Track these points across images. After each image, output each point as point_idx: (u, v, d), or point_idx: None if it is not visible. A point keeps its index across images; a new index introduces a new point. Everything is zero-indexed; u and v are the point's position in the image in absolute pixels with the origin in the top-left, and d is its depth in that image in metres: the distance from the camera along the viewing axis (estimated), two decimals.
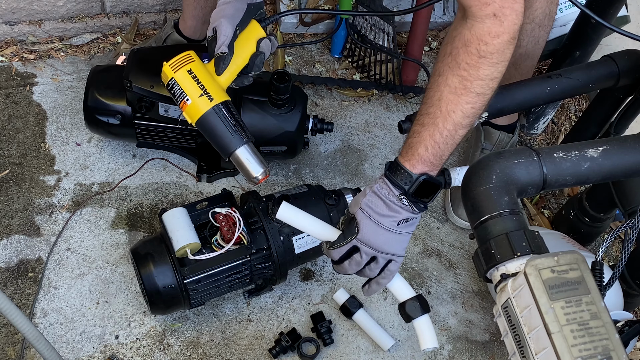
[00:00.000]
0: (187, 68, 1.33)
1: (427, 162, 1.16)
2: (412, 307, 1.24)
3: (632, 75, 1.48)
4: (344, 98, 2.01)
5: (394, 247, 1.20)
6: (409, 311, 1.24)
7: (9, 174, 1.72)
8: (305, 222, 1.26)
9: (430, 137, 1.14)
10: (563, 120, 2.09)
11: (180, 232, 1.42)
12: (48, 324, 1.53)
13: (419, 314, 1.24)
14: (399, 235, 1.20)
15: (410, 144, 1.17)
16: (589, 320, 0.86)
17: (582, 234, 1.75)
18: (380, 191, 1.18)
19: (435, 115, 1.13)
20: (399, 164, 1.18)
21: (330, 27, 2.12)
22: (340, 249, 1.21)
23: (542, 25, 1.61)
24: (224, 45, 1.30)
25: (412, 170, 1.16)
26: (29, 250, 1.62)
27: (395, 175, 1.17)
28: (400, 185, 1.16)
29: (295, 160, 1.85)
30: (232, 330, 1.57)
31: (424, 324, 1.24)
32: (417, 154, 1.16)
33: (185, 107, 1.33)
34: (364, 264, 1.22)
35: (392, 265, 1.23)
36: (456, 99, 1.11)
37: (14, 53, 1.94)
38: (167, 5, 2.04)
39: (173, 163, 1.80)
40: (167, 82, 1.34)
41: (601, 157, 1.08)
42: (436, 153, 1.15)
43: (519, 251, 0.96)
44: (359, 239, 1.19)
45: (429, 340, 1.23)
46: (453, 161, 1.93)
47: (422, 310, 1.24)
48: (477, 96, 1.11)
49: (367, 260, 1.21)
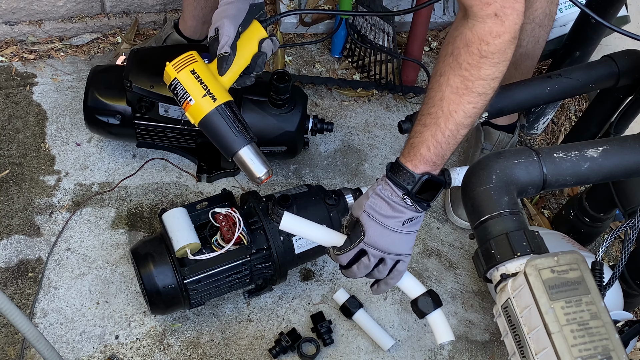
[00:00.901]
0: (190, 68, 1.32)
1: (430, 162, 1.16)
2: (425, 303, 1.24)
3: (632, 75, 1.48)
4: (344, 98, 2.01)
5: (401, 247, 1.21)
6: (421, 307, 1.24)
7: (9, 174, 1.72)
8: (309, 231, 1.25)
9: (433, 137, 1.14)
10: (563, 120, 2.09)
11: (180, 232, 1.42)
12: (48, 324, 1.53)
13: (432, 309, 1.24)
14: (405, 235, 1.20)
15: (412, 145, 1.17)
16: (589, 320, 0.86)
17: (582, 234, 1.75)
18: (383, 192, 1.18)
19: (437, 115, 1.13)
20: (400, 164, 1.18)
21: (330, 27, 2.12)
22: (348, 254, 1.21)
23: (542, 25, 1.61)
24: (226, 46, 1.29)
25: (414, 171, 1.16)
26: (29, 250, 1.62)
27: (398, 176, 1.17)
28: (403, 185, 1.17)
29: (295, 160, 1.85)
30: (232, 330, 1.57)
31: (437, 318, 1.24)
32: (419, 154, 1.16)
33: (189, 108, 1.32)
34: (372, 267, 1.22)
35: (401, 265, 1.23)
36: (458, 99, 1.11)
37: (14, 53, 1.94)
38: (167, 5, 2.04)
39: (173, 163, 1.80)
40: (170, 82, 1.34)
41: (601, 157, 1.08)
42: (438, 153, 1.16)
43: (519, 251, 0.97)
44: (365, 242, 1.19)
45: (444, 334, 1.24)
46: (453, 161, 1.93)
47: (435, 305, 1.24)
48: (479, 96, 1.11)
49: (375, 263, 1.21)
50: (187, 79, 1.32)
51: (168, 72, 1.33)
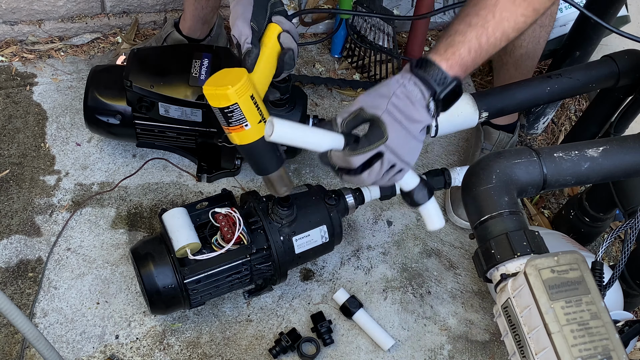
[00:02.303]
0: (249, 93, 1.25)
1: (464, 66, 1.07)
2: (421, 195, 1.24)
3: (632, 75, 1.48)
4: (344, 98, 2.01)
5: (414, 156, 1.12)
6: (417, 199, 1.24)
7: (9, 174, 1.72)
8: (304, 135, 1.12)
9: (477, 39, 1.06)
10: (563, 120, 2.09)
11: (180, 232, 1.42)
12: (48, 324, 1.53)
13: (427, 199, 1.24)
14: (419, 144, 1.11)
15: (450, 43, 1.07)
16: (589, 320, 0.86)
17: (582, 234, 1.75)
18: (411, 93, 1.07)
19: (487, 19, 1.06)
20: (433, 62, 1.06)
21: (330, 27, 2.12)
22: (364, 155, 1.09)
23: (543, 25, 1.61)
24: (246, 43, 1.24)
25: (448, 72, 1.06)
26: (29, 250, 1.62)
27: (428, 74, 1.06)
28: (432, 86, 1.06)
29: (295, 160, 1.85)
30: (232, 330, 1.57)
31: (432, 208, 1.26)
32: (458, 54, 1.06)
33: (241, 131, 1.26)
34: (382, 174, 1.11)
35: (401, 174, 1.15)
36: (514, 9, 1.06)
37: (14, 53, 1.94)
38: (167, 5, 2.04)
39: (173, 163, 1.80)
40: (227, 105, 1.25)
41: (601, 157, 1.08)
42: (475, 59, 1.07)
43: (519, 251, 0.96)
44: (387, 145, 1.08)
45: (437, 222, 1.27)
46: (453, 161, 1.93)
47: (429, 194, 1.25)
48: (533, 12, 1.07)
49: (386, 170, 1.11)
50: (247, 104, 1.25)
51: (228, 96, 1.23)
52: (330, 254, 1.68)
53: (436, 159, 1.93)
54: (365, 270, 1.70)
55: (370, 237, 1.76)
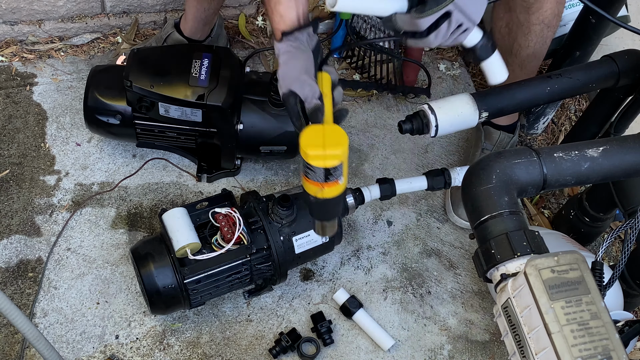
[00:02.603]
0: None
1: None
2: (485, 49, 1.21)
3: (632, 75, 1.48)
4: (344, 98, 2.01)
5: (480, 13, 1.10)
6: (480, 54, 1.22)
7: (9, 174, 1.72)
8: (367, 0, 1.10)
9: None
10: (563, 120, 2.09)
11: (180, 232, 1.42)
12: (48, 324, 1.53)
13: (491, 52, 1.23)
14: (486, 1, 1.10)
15: None
16: (589, 320, 0.86)
17: (582, 234, 1.75)
18: None
19: None
20: None
21: (330, 27, 2.12)
22: (432, 17, 1.06)
23: (550, 26, 1.60)
24: (314, 99, 1.15)
25: None
26: (29, 250, 1.62)
27: None
28: None
29: (295, 160, 1.85)
30: (232, 330, 1.57)
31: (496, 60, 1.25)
32: None
33: (334, 186, 1.18)
34: (449, 35, 1.10)
35: (466, 33, 1.13)
36: None
37: (14, 53, 1.94)
38: (167, 5, 2.04)
39: (173, 163, 1.80)
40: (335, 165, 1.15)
41: (601, 157, 1.08)
42: None
43: (519, 251, 0.96)
44: (456, 4, 1.05)
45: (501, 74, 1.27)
46: (453, 161, 1.93)
47: (493, 48, 1.23)
48: None
49: (452, 30, 1.09)
50: (345, 162, 1.18)
51: (340, 157, 1.15)
52: (330, 254, 1.68)
53: (436, 159, 1.93)
54: (365, 270, 1.70)
55: (370, 237, 1.76)
